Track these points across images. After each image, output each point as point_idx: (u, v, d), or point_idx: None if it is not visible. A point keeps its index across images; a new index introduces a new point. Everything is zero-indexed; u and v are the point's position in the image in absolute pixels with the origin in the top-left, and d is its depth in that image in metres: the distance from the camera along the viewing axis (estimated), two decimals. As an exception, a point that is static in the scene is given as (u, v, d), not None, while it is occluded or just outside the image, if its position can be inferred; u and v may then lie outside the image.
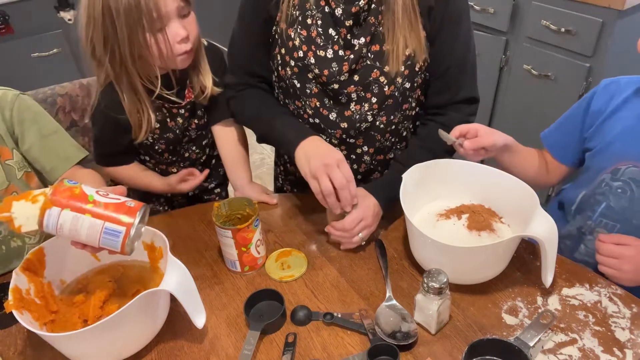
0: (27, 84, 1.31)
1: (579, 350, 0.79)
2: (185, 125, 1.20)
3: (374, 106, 1.05)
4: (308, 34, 1.01)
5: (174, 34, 1.00)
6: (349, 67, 1.01)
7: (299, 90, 1.07)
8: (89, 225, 0.73)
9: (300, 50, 1.02)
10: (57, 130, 1.09)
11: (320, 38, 1.01)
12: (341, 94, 1.05)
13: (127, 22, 0.95)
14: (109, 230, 0.74)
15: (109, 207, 0.74)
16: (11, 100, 1.02)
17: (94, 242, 0.75)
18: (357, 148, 1.12)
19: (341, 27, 1.00)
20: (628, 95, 0.97)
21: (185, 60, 1.07)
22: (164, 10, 0.96)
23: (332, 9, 0.99)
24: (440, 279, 0.77)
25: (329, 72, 1.02)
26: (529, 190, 0.90)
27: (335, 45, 1.01)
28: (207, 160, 1.32)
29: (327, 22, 1.00)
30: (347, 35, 1.00)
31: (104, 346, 0.77)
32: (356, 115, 1.06)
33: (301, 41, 1.02)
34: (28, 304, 0.80)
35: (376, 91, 1.03)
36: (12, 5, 2.18)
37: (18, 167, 1.04)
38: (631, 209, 0.94)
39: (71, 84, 1.40)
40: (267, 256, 1.00)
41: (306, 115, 1.10)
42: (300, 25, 1.02)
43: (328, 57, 1.01)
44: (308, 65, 1.03)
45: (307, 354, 0.81)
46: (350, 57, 1.01)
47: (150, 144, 1.21)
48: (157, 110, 1.14)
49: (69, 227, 0.74)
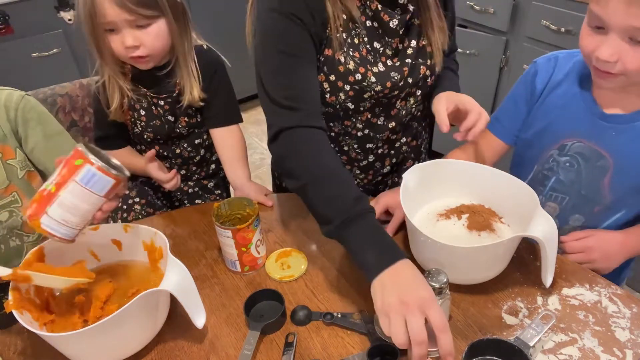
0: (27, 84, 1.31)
1: (579, 350, 0.79)
2: (172, 120, 1.21)
3: (419, 99, 1.09)
4: (360, 55, 0.98)
5: (122, 41, 1.05)
6: (408, 72, 1.02)
7: (351, 111, 1.05)
8: (70, 196, 0.76)
9: (357, 73, 0.98)
10: (61, 132, 1.10)
11: (370, 55, 0.99)
12: (396, 97, 1.05)
13: (88, 18, 1.03)
14: (84, 180, 0.76)
15: (62, 175, 0.76)
16: (16, 101, 1.03)
17: (93, 199, 0.77)
18: (396, 142, 1.15)
19: (393, 38, 0.99)
20: (568, 70, 1.00)
21: (144, 64, 1.11)
22: (109, 19, 1.02)
23: (383, 22, 0.97)
24: (440, 279, 0.77)
25: (391, 84, 1.01)
26: (529, 190, 0.89)
27: (383, 57, 1.00)
28: (202, 161, 1.33)
29: (373, 36, 0.99)
30: (399, 44, 1.01)
31: (104, 346, 0.77)
32: (402, 111, 1.08)
33: (356, 64, 0.98)
34: (28, 304, 0.80)
35: (421, 84, 1.06)
36: (12, 5, 2.18)
37: (20, 166, 1.04)
38: (579, 182, 1.00)
39: (71, 84, 1.40)
40: (267, 256, 1.00)
41: (355, 130, 1.10)
42: (352, 48, 0.97)
43: (382, 70, 1.00)
44: (368, 85, 1.00)
45: (307, 354, 0.81)
46: (407, 62, 1.02)
47: (140, 132, 1.24)
48: (142, 98, 1.18)
49: (68, 214, 0.76)
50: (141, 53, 1.07)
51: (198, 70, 1.16)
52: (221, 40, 1.25)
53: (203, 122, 1.26)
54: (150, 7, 1.03)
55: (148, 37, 1.06)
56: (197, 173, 1.34)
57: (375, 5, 0.95)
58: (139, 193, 1.34)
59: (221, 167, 1.36)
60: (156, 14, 1.05)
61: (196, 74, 1.16)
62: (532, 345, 0.75)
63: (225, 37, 2.94)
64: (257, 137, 2.96)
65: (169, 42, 1.11)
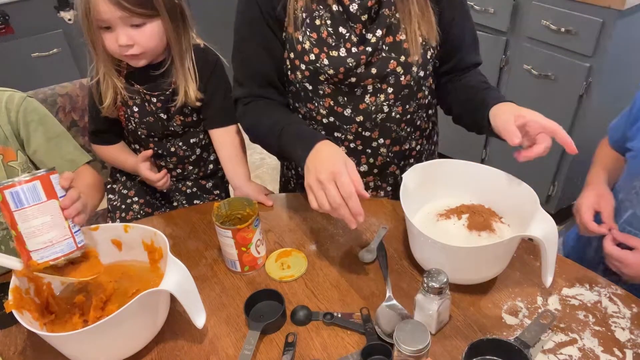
0: (27, 84, 1.32)
1: (579, 350, 0.79)
2: (165, 117, 1.21)
3: (390, 97, 1.06)
4: (318, 36, 1.00)
5: (116, 39, 1.06)
6: (366, 60, 1.01)
7: (311, 93, 1.07)
8: (27, 225, 0.75)
9: (311, 53, 1.01)
10: (63, 134, 1.10)
11: (332, 38, 1.00)
12: (357, 86, 1.05)
13: (84, 15, 1.04)
14: (17, 204, 0.74)
15: (4, 217, 0.76)
16: (18, 103, 1.03)
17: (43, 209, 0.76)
18: (372, 141, 1.13)
19: (355, 23, 0.99)
20: None
21: (137, 62, 1.11)
22: (104, 17, 1.02)
23: (344, 7, 0.98)
24: (440, 279, 0.77)
25: (345, 69, 1.01)
26: (529, 190, 0.89)
27: (348, 43, 1.00)
28: (199, 160, 1.33)
29: (337, 20, 0.99)
30: (362, 30, 1.00)
31: (104, 346, 0.77)
32: (371, 107, 1.07)
33: (312, 44, 1.01)
34: (28, 304, 0.80)
35: (392, 82, 1.04)
36: (12, 5, 2.18)
37: (22, 168, 1.04)
38: None
39: (71, 84, 1.40)
40: (267, 256, 1.00)
41: (319, 116, 1.10)
42: (309, 28, 1.01)
43: (342, 55, 1.00)
44: (321, 67, 1.02)
45: (307, 354, 0.81)
46: (367, 50, 1.00)
47: (134, 129, 1.24)
48: (135, 94, 1.18)
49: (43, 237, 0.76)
50: (135, 52, 1.07)
51: (195, 70, 1.16)
52: (221, 40, 1.25)
53: (199, 121, 1.26)
54: (145, 6, 1.03)
55: (142, 37, 1.06)
56: (194, 173, 1.34)
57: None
58: (137, 193, 1.35)
59: (220, 167, 1.36)
60: (151, 13, 1.05)
61: (193, 73, 1.16)
62: (532, 345, 0.75)
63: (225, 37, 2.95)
64: (257, 137, 2.95)
65: (164, 41, 1.11)
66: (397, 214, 1.08)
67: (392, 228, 1.05)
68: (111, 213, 1.35)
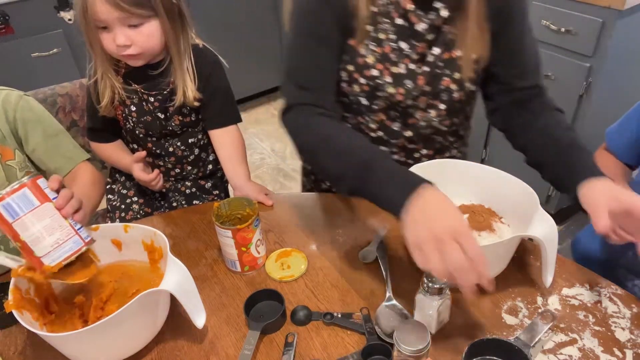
0: (27, 84, 1.32)
1: (579, 350, 0.79)
2: (162, 117, 1.21)
3: (442, 113, 1.03)
4: (382, 51, 0.95)
5: (113, 39, 1.05)
6: (424, 81, 0.97)
7: (364, 107, 1.04)
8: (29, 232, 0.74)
9: (374, 69, 0.96)
10: (61, 132, 1.10)
11: (394, 53, 0.96)
12: (411, 106, 1.02)
13: (81, 15, 1.04)
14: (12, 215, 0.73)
15: (4, 231, 0.75)
16: (15, 101, 1.02)
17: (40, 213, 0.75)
18: (416, 152, 1.11)
19: (419, 41, 0.95)
20: None
21: (135, 62, 1.12)
22: (102, 17, 1.02)
23: (410, 23, 0.93)
24: (440, 279, 0.77)
25: (404, 90, 0.97)
26: (529, 190, 0.90)
27: (407, 59, 0.96)
28: (197, 160, 1.33)
29: (401, 35, 0.94)
30: (425, 48, 0.96)
31: (104, 346, 0.77)
32: (421, 122, 1.04)
33: (376, 59, 0.95)
34: (28, 304, 0.80)
35: (445, 98, 1.01)
36: (12, 5, 2.18)
37: (19, 167, 1.04)
38: None
39: (71, 84, 1.40)
40: (267, 256, 1.00)
41: (368, 130, 1.08)
42: (374, 42, 0.95)
43: (402, 72, 0.96)
44: (382, 84, 0.97)
45: (307, 354, 0.81)
46: (425, 70, 0.97)
47: (132, 128, 1.24)
48: (133, 93, 1.18)
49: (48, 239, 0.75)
50: (132, 52, 1.07)
51: (194, 70, 1.16)
52: (221, 40, 1.25)
53: (198, 121, 1.26)
54: (143, 6, 1.03)
55: (140, 37, 1.06)
56: (193, 173, 1.34)
57: (406, 3, 0.91)
58: (137, 193, 1.35)
59: (219, 168, 1.36)
60: (149, 13, 1.05)
61: (192, 73, 1.16)
62: (532, 345, 0.75)
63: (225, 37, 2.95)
64: (257, 137, 2.96)
65: (162, 42, 1.10)
66: (397, 214, 1.08)
67: (392, 228, 1.05)
68: (110, 213, 1.35)
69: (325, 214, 1.10)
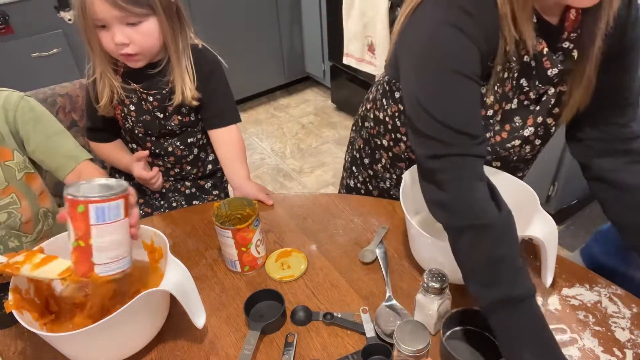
0: (27, 84, 1.32)
1: (579, 350, 0.79)
2: (161, 116, 1.21)
3: (537, 148, 0.99)
4: (503, 91, 0.87)
5: (112, 38, 1.05)
6: (533, 121, 0.91)
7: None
8: (101, 239, 0.74)
9: (490, 109, 0.88)
10: (62, 131, 1.10)
11: (512, 91, 0.88)
12: (511, 147, 0.95)
13: (80, 14, 1.04)
14: (99, 219, 0.73)
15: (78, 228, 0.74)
16: (15, 102, 1.02)
17: (119, 226, 0.76)
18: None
19: (545, 84, 0.88)
20: None
21: (135, 62, 1.11)
22: (100, 16, 1.02)
23: (542, 68, 0.85)
24: (440, 279, 0.77)
25: (510, 128, 0.91)
26: (529, 190, 0.89)
27: (522, 95, 0.89)
28: (196, 160, 1.33)
29: (524, 72, 0.86)
30: (547, 92, 0.90)
31: (104, 346, 0.77)
32: (514, 156, 0.98)
33: (496, 99, 0.87)
34: (28, 304, 0.80)
35: (541, 133, 0.95)
36: (12, 5, 2.18)
37: (19, 168, 1.04)
38: None
39: (71, 84, 1.40)
40: (267, 256, 1.00)
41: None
42: (499, 83, 0.86)
43: (512, 108, 0.89)
44: (493, 124, 0.90)
45: (307, 354, 0.81)
46: (536, 110, 0.91)
47: (131, 128, 1.24)
48: (132, 93, 1.19)
49: (112, 252, 0.75)
50: (131, 51, 1.07)
51: (193, 69, 1.16)
52: (221, 40, 1.25)
53: (197, 121, 1.26)
54: (141, 5, 1.03)
55: (138, 35, 1.06)
56: (192, 173, 1.34)
57: (542, 46, 0.83)
58: (137, 192, 1.34)
59: (219, 168, 1.36)
60: (147, 12, 1.05)
61: (191, 73, 1.16)
62: None
63: (225, 37, 2.95)
64: (257, 137, 2.96)
65: (160, 40, 1.10)
66: (397, 214, 1.08)
67: (392, 228, 1.05)
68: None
69: (325, 214, 1.10)
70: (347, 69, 2.80)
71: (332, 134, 2.97)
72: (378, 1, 2.29)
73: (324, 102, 3.30)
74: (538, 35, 0.81)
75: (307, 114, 3.19)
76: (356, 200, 1.15)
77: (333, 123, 3.08)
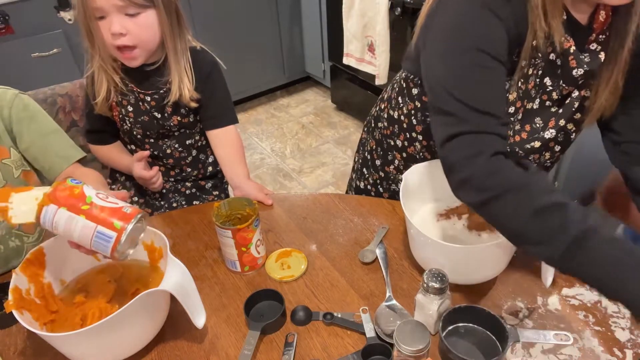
0: (27, 84, 1.32)
1: (579, 350, 0.79)
2: (159, 117, 1.21)
3: (557, 155, 0.97)
4: (526, 87, 0.86)
5: (108, 27, 1.05)
6: (555, 124, 0.89)
7: None
8: (82, 226, 0.74)
9: (512, 106, 0.87)
10: (56, 130, 1.10)
11: (535, 89, 0.87)
12: (528, 149, 0.94)
13: (80, 4, 1.04)
14: (101, 234, 0.74)
15: (105, 211, 0.74)
16: (10, 99, 1.02)
17: (86, 244, 0.75)
18: None
19: (569, 85, 0.86)
20: None
21: (132, 60, 1.10)
22: (98, 5, 1.02)
23: (568, 66, 0.83)
24: (440, 279, 0.77)
25: (531, 128, 0.90)
26: (529, 190, 0.89)
27: (545, 95, 0.87)
28: (195, 162, 1.33)
29: (548, 71, 0.84)
30: (571, 94, 0.88)
31: (104, 346, 0.77)
32: (534, 163, 0.95)
33: (518, 96, 0.87)
34: (28, 304, 0.80)
35: (561, 139, 0.94)
36: (12, 5, 2.18)
37: (15, 166, 1.04)
38: None
39: (71, 84, 1.40)
40: (267, 256, 1.00)
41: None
42: (522, 79, 0.85)
43: (534, 108, 0.88)
44: (514, 122, 0.89)
45: (307, 354, 0.81)
46: (559, 113, 0.89)
47: (129, 129, 1.24)
48: (129, 93, 1.18)
49: (63, 226, 0.74)
50: (127, 42, 1.06)
51: (192, 70, 1.16)
52: (221, 40, 1.25)
53: (195, 122, 1.26)
54: None
55: (136, 27, 1.05)
56: (192, 175, 1.34)
57: (569, 44, 0.81)
58: (137, 193, 1.35)
59: (219, 169, 1.36)
60: (147, 3, 1.04)
61: (190, 74, 1.16)
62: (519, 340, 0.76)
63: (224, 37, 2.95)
64: (257, 137, 2.96)
65: (158, 35, 1.10)
66: (397, 214, 1.08)
67: (392, 228, 1.05)
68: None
69: (325, 214, 1.10)
70: (347, 69, 2.80)
71: (332, 134, 2.97)
72: (378, 1, 2.29)
73: (324, 102, 3.30)
74: (566, 33, 0.80)
75: (307, 114, 3.19)
76: (356, 200, 1.15)
77: (333, 123, 3.09)
